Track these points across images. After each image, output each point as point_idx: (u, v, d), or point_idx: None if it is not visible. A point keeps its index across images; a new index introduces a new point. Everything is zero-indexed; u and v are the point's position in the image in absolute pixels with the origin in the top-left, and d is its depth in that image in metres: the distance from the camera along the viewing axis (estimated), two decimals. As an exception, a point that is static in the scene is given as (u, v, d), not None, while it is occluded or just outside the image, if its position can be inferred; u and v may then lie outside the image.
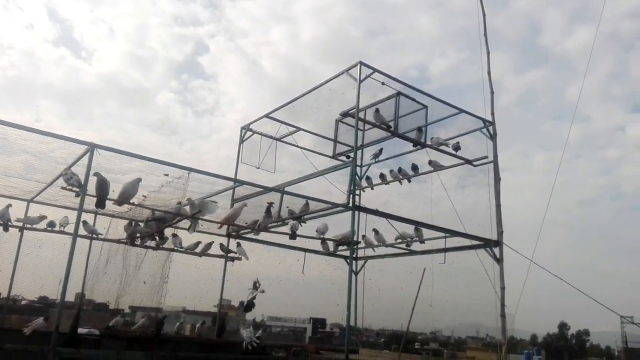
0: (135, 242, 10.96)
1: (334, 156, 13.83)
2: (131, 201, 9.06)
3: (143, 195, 9.89)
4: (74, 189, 8.19)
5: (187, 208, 9.35)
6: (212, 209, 9.51)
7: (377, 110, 11.23)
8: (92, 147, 7.77)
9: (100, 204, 8.65)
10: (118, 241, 11.45)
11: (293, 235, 10.62)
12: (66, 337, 9.05)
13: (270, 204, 10.43)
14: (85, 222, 10.65)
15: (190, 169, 8.88)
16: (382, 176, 13.61)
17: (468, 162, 12.26)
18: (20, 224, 10.88)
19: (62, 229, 10.90)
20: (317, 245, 12.42)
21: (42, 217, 10.87)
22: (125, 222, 10.95)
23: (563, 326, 75.76)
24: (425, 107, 12.23)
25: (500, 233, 11.49)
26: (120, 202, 8.71)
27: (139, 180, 8.79)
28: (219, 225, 10.64)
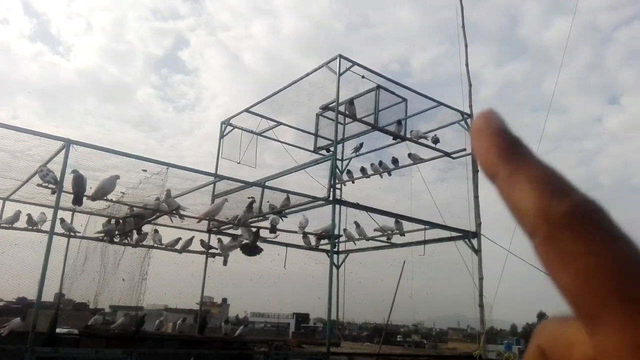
0: (114, 240, 10.83)
1: (315, 150, 13.83)
2: (109, 197, 8.94)
3: (121, 192, 9.77)
4: (50, 185, 8.05)
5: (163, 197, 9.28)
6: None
7: (351, 103, 11.24)
8: (67, 143, 7.65)
9: (77, 200, 8.54)
10: (96, 239, 11.29)
11: (273, 229, 10.61)
12: (44, 337, 8.94)
13: (252, 200, 10.40)
14: (62, 220, 10.48)
15: (169, 165, 8.80)
16: (362, 170, 13.67)
17: (447, 154, 12.38)
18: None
19: (39, 226, 10.67)
20: (298, 239, 12.43)
21: (18, 213, 10.57)
22: (104, 219, 10.81)
23: (542, 316, 77.16)
24: (404, 100, 12.33)
25: (478, 224, 11.65)
26: (94, 197, 8.58)
27: (116, 177, 8.68)
28: (198, 220, 10.57)
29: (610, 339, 0.24)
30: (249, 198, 10.41)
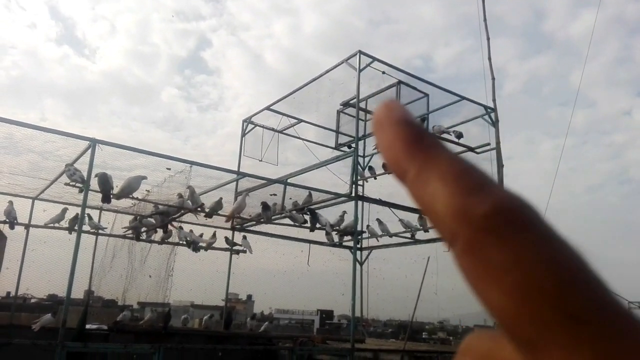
0: (140, 237, 11.03)
1: (336, 147, 13.82)
2: (134, 195, 9.10)
3: (146, 190, 9.95)
4: (77, 184, 8.24)
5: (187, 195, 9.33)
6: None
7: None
8: (93, 143, 7.82)
9: (106, 199, 8.71)
10: (123, 236, 11.52)
11: (293, 218, 10.78)
12: (74, 332, 9.17)
13: (265, 203, 10.43)
14: (90, 218, 10.71)
15: (192, 162, 8.93)
16: (384, 166, 13.58)
17: (470, 149, 12.22)
18: (27, 222, 10.98)
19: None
20: (321, 236, 12.44)
21: (65, 210, 10.78)
22: (130, 217, 11.02)
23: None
24: (426, 95, 12.22)
25: (504, 219, 11.47)
26: (119, 196, 8.73)
27: (143, 177, 8.82)
28: (227, 218, 10.67)
29: None
30: (271, 195, 10.48)
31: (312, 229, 11.04)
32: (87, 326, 10.72)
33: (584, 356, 0.19)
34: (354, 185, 10.07)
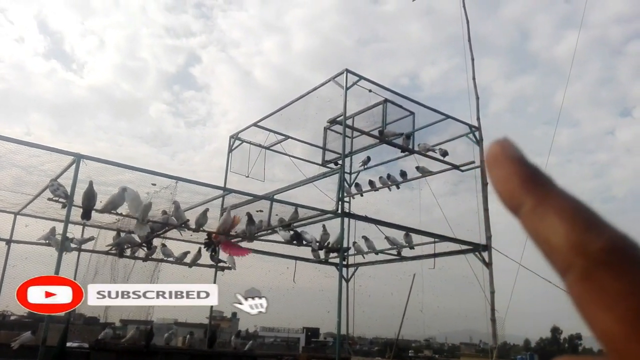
0: (124, 254, 10.89)
1: (323, 164, 13.87)
2: (118, 211, 9.01)
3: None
4: (61, 200, 8.14)
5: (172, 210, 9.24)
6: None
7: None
8: (78, 158, 7.76)
9: (86, 215, 8.61)
10: (106, 253, 11.36)
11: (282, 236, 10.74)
12: (55, 351, 8.98)
13: (249, 214, 10.38)
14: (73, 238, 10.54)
15: (178, 178, 8.89)
16: (371, 183, 13.64)
17: (455, 167, 12.35)
18: (7, 238, 10.80)
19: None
20: (307, 253, 12.40)
21: (53, 229, 10.53)
22: (114, 232, 10.88)
23: (555, 330, 76.19)
24: (412, 113, 12.35)
25: (488, 237, 11.56)
26: (103, 210, 8.63)
27: (124, 190, 8.74)
28: (214, 235, 10.58)
29: None
30: (257, 211, 10.44)
31: (298, 244, 11.01)
32: (68, 344, 10.51)
33: None
34: (340, 202, 10.09)
